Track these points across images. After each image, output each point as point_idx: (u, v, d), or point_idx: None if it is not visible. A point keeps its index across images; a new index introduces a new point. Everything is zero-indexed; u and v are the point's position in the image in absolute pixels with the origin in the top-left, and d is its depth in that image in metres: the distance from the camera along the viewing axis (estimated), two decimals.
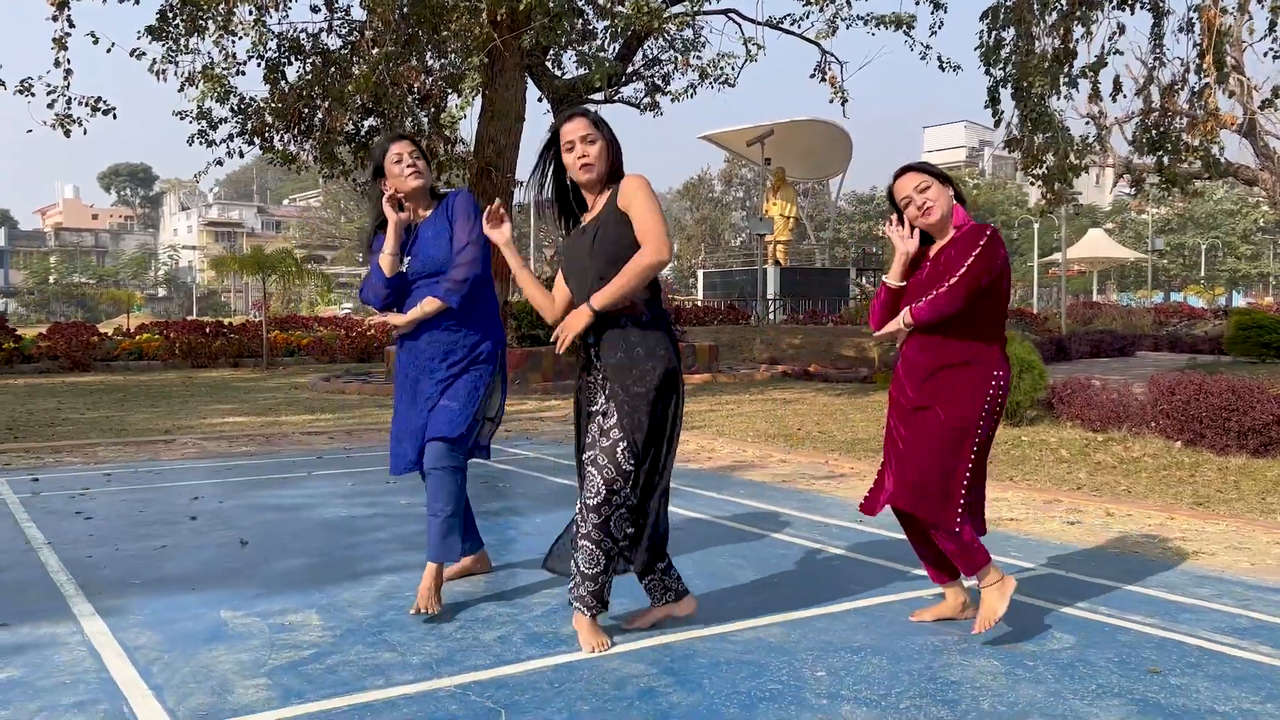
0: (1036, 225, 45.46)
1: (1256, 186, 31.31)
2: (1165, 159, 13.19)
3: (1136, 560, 4.74)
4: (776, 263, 27.51)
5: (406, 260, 4.03)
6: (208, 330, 20.82)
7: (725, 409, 11.50)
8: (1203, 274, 65.45)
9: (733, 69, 13.60)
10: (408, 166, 4.00)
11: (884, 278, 3.76)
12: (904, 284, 3.66)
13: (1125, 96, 12.79)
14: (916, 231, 3.66)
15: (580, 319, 3.38)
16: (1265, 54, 12.24)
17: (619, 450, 3.36)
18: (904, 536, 3.89)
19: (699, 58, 13.54)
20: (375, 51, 11.80)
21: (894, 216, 3.71)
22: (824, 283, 28.49)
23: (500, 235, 3.76)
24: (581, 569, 3.43)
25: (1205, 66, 11.53)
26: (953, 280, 3.45)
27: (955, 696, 3.03)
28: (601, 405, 3.51)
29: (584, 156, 3.49)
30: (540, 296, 3.68)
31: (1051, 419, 9.56)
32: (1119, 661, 3.33)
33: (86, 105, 11.57)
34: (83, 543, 5.06)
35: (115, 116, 11.85)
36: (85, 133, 11.43)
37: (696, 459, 7.99)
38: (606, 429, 3.42)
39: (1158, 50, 13.03)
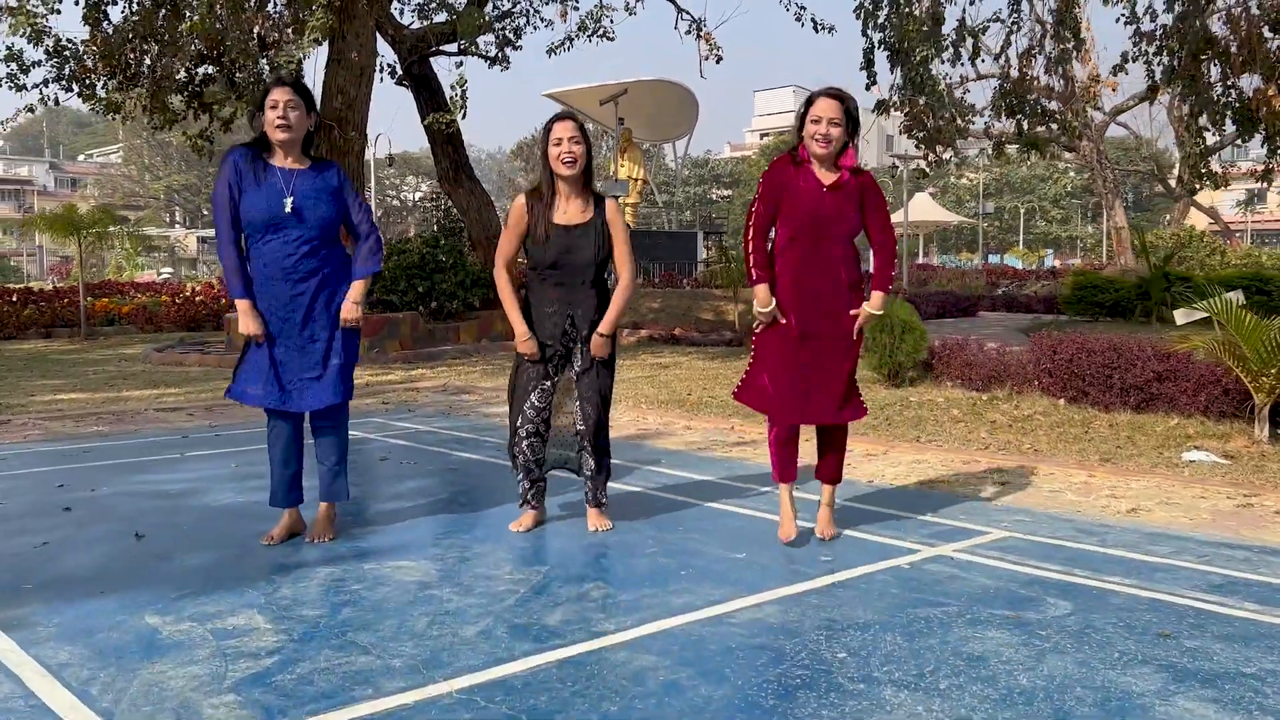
0: None
1: (1073, 153, 33.19)
2: (1024, 123, 13.72)
3: (1084, 520, 4.83)
4: (626, 226, 27.39)
5: (288, 201, 4.23)
6: (15, 298, 19.15)
7: None
8: (1021, 237, 69.24)
9: (611, 21, 13.31)
10: (279, 116, 4.22)
11: (758, 308, 4.25)
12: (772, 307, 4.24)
13: (984, 60, 13.25)
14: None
15: (605, 345, 4.47)
16: (1117, 20, 12.85)
17: (603, 389, 4.52)
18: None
19: (575, 7, 13.16)
20: None
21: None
22: (673, 246, 28.53)
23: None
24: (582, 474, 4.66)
25: (1064, 34, 12.00)
26: (881, 236, 4.27)
27: (989, 673, 2.95)
28: (580, 361, 4.50)
29: (570, 153, 4.31)
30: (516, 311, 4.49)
31: (931, 379, 9.78)
32: (1125, 626, 3.34)
33: None
34: None
35: None
36: None
37: None
38: (590, 376, 4.48)
39: (1015, 15, 13.50)
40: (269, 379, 4.30)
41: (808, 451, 4.69)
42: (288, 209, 4.22)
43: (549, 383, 4.53)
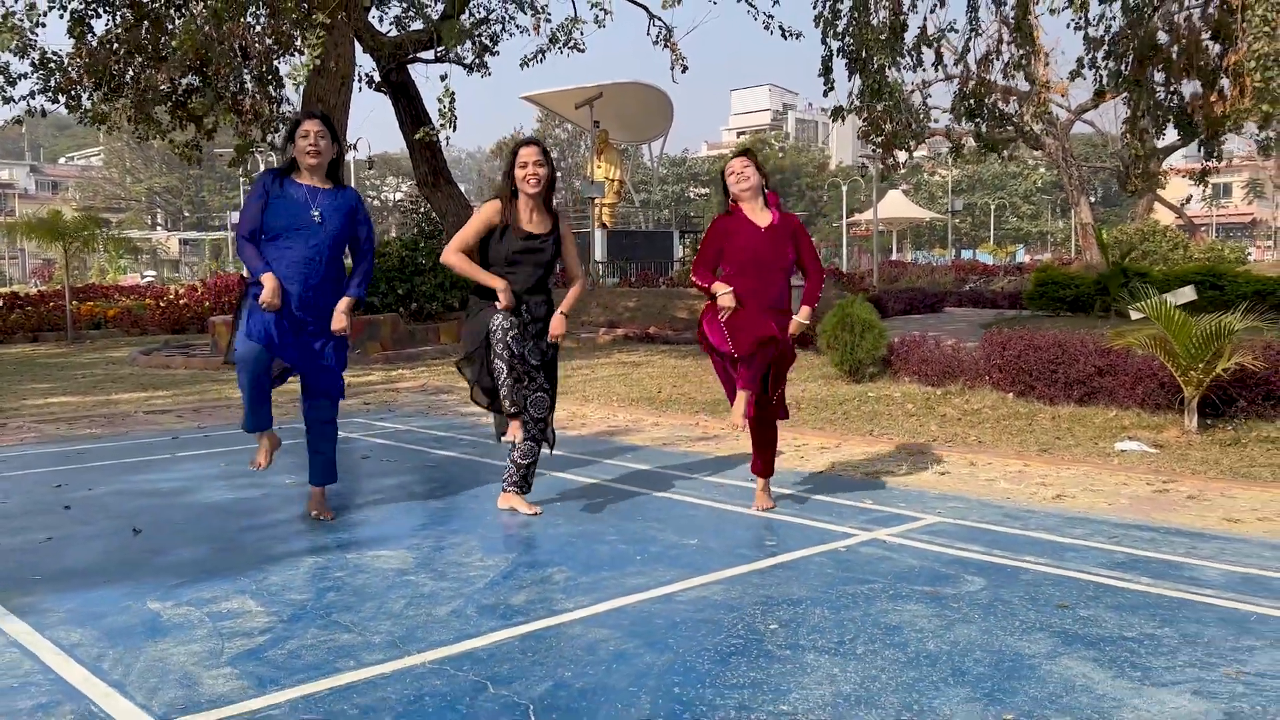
0: (845, 187, 47.22)
1: (1040, 151, 33.63)
2: (982, 126, 14.11)
3: (1012, 506, 5.20)
4: (603, 225, 27.73)
5: (316, 212, 4.77)
6: (1, 303, 19.30)
7: (580, 374, 11.65)
8: (992, 233, 69.87)
9: (581, 33, 13.62)
10: (310, 145, 4.78)
11: (720, 295, 4.80)
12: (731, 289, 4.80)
13: (946, 65, 13.62)
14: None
15: (563, 323, 4.94)
16: (1068, 25, 13.30)
17: (556, 376, 5.07)
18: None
19: (547, 19, 13.47)
20: (200, 6, 11.19)
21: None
22: (649, 245, 28.92)
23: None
24: (518, 461, 5.04)
25: (1020, 39, 12.37)
26: (814, 266, 5.00)
27: (902, 640, 3.31)
28: (541, 348, 4.98)
29: (535, 175, 4.86)
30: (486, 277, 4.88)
31: (890, 375, 10.14)
32: (1030, 599, 3.70)
33: None
34: None
35: None
36: None
37: (571, 425, 8.12)
38: (549, 364, 5.02)
39: (973, 21, 13.86)
40: (269, 327, 4.61)
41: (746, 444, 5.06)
42: (317, 219, 4.76)
43: (516, 344, 4.74)
